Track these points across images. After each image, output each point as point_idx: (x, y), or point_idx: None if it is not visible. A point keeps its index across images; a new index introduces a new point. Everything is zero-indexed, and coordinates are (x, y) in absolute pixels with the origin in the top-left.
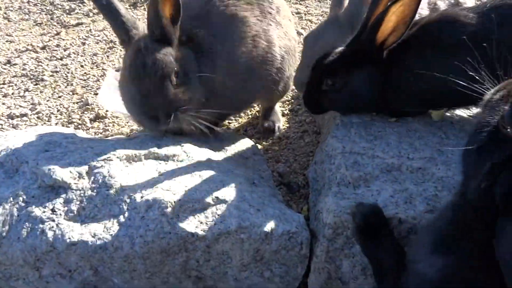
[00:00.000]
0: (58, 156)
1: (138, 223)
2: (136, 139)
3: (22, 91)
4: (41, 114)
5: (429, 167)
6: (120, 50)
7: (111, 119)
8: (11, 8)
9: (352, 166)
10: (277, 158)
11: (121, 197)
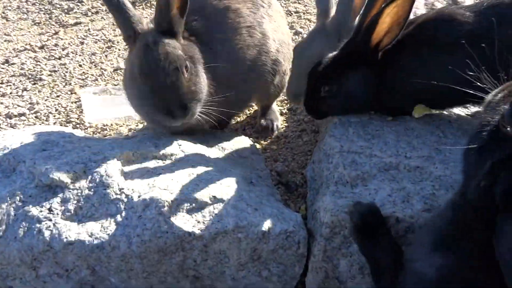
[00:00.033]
0: (55, 155)
1: (135, 223)
2: (134, 138)
3: (20, 90)
4: (39, 114)
5: (426, 166)
6: (119, 50)
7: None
8: (9, 8)
9: (350, 165)
10: (275, 157)
11: (118, 196)
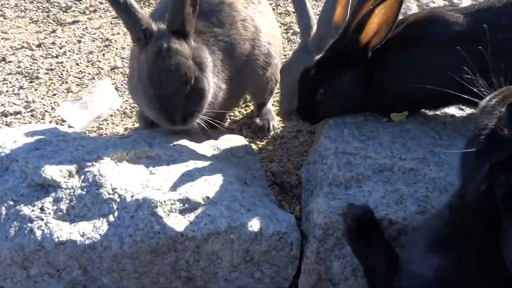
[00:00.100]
0: (48, 154)
1: (127, 223)
2: (128, 138)
3: (17, 88)
4: (35, 112)
5: (421, 168)
6: (116, 48)
7: (105, 118)
8: (7, 5)
9: (345, 166)
10: (271, 157)
11: (111, 196)
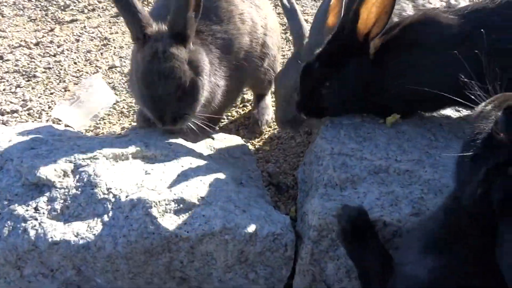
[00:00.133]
0: (43, 153)
1: (121, 223)
2: (125, 137)
3: (14, 87)
4: (32, 111)
5: (416, 170)
6: (114, 48)
7: (102, 117)
8: (5, 4)
9: (340, 167)
10: (267, 158)
11: (105, 196)
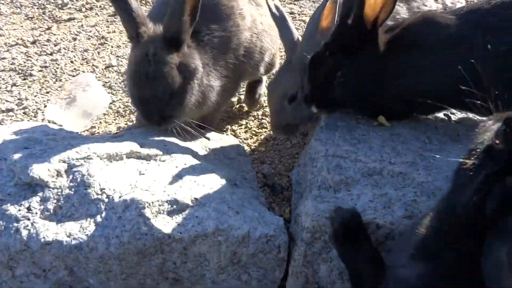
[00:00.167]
0: (37, 153)
1: (114, 224)
2: (120, 137)
3: (10, 85)
4: (27, 110)
5: (410, 172)
6: (111, 47)
7: (98, 116)
8: (3, 2)
9: (334, 169)
10: (262, 159)
11: (99, 196)
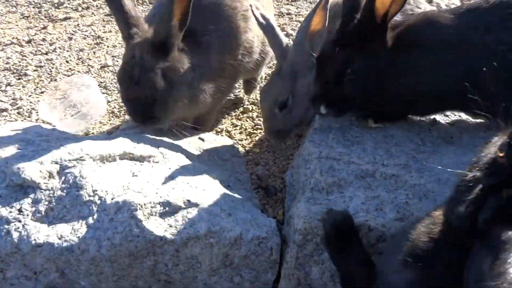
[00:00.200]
0: (29, 154)
1: (106, 225)
2: (113, 138)
3: (4, 85)
4: (21, 110)
5: (402, 174)
6: (107, 46)
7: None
8: None
9: (327, 171)
10: (256, 160)
11: (91, 198)
